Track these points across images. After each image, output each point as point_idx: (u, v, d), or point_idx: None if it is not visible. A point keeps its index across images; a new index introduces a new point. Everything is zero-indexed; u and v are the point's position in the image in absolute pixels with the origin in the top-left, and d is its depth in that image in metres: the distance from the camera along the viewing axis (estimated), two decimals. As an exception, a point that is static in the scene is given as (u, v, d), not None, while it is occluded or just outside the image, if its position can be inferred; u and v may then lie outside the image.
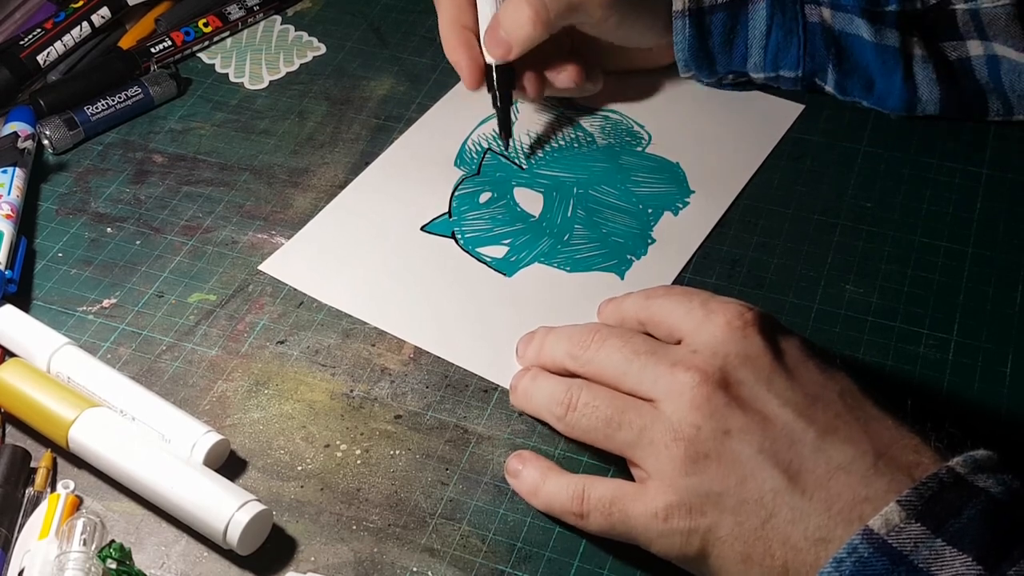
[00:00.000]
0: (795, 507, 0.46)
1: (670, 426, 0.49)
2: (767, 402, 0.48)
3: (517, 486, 0.54)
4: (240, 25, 0.82)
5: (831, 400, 0.49)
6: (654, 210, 0.68)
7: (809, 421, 0.48)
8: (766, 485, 0.47)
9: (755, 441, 0.47)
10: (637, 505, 0.49)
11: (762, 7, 0.69)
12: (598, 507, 0.50)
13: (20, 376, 0.57)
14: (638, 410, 0.50)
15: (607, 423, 0.51)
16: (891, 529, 0.43)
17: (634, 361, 0.51)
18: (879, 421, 0.48)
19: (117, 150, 0.73)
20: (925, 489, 0.44)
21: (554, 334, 0.56)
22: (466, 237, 0.66)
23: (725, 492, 0.47)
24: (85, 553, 0.50)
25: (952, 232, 0.66)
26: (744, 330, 0.50)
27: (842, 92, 0.72)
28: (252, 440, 0.57)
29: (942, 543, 0.43)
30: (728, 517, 0.47)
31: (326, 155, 0.72)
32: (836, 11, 0.69)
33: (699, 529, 0.48)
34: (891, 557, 0.43)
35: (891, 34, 0.68)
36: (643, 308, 0.55)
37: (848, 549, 0.44)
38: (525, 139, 0.72)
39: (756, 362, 0.50)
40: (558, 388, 0.54)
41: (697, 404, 0.48)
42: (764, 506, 0.47)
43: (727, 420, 0.48)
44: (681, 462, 0.48)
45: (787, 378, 0.49)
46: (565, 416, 0.53)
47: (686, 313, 0.52)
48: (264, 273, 0.65)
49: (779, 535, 0.46)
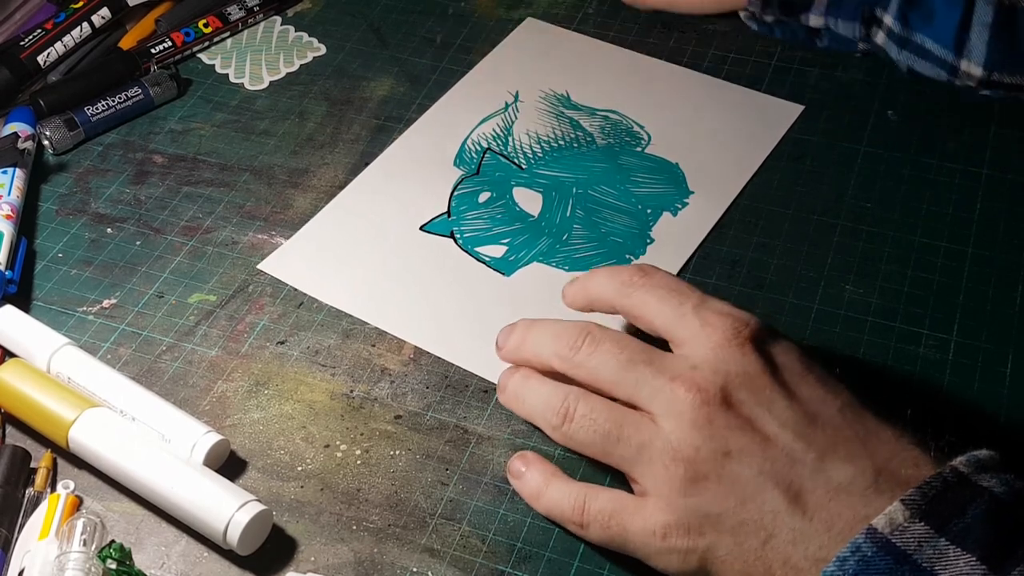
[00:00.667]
0: (795, 528, 0.46)
1: (669, 445, 0.48)
2: (767, 423, 0.48)
3: (519, 488, 0.54)
4: (240, 26, 0.82)
5: (830, 416, 0.48)
6: (653, 210, 0.68)
7: (808, 442, 0.47)
8: (766, 506, 0.46)
9: (755, 463, 0.47)
10: (636, 520, 0.49)
11: None
12: (598, 519, 0.50)
13: (20, 376, 0.57)
14: (636, 425, 0.50)
15: (605, 438, 0.50)
16: (895, 528, 0.43)
17: (631, 371, 0.51)
18: (878, 435, 0.48)
19: (117, 151, 0.73)
20: (929, 488, 0.44)
21: (537, 328, 0.55)
22: (465, 237, 0.67)
23: (724, 513, 0.47)
24: (85, 553, 0.50)
25: (952, 232, 0.66)
26: (743, 348, 0.50)
27: (903, 23, 0.70)
28: (252, 440, 0.57)
29: (946, 542, 0.43)
30: (727, 538, 0.47)
31: (326, 155, 0.72)
32: None
33: (697, 549, 0.47)
34: (895, 556, 0.43)
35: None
36: (620, 294, 0.53)
37: (852, 548, 0.44)
38: (525, 139, 0.72)
39: (756, 381, 0.49)
40: (553, 396, 0.52)
41: (698, 425, 0.48)
42: (764, 527, 0.46)
43: (727, 441, 0.48)
44: (680, 483, 0.48)
45: (786, 397, 0.49)
46: (561, 427, 0.52)
47: (678, 317, 0.51)
48: (264, 273, 0.65)
49: (779, 556, 0.46)
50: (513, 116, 0.74)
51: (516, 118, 0.74)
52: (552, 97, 0.75)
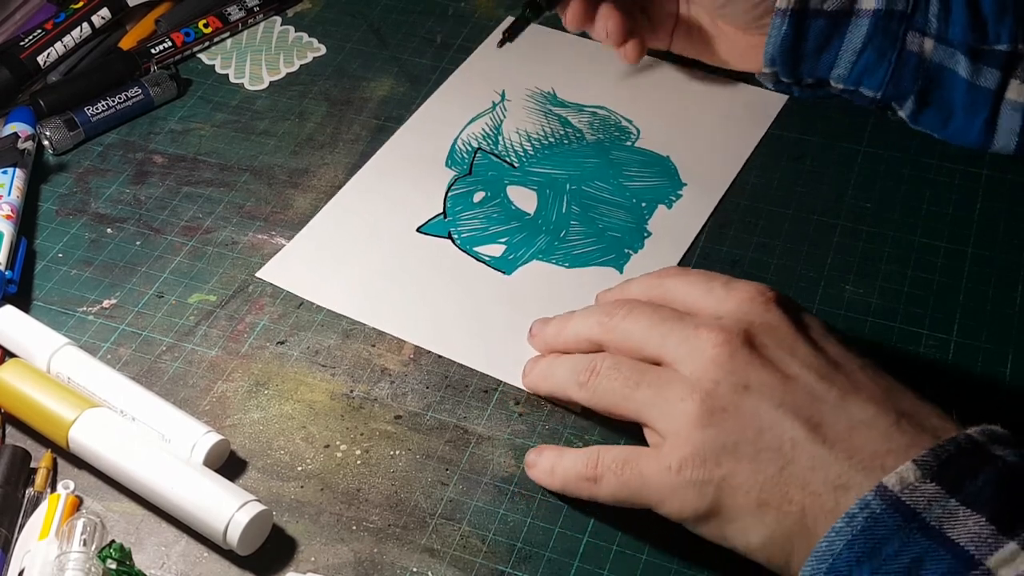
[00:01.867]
0: (815, 455, 0.46)
1: (687, 383, 0.49)
2: (790, 363, 0.48)
3: (535, 475, 0.54)
4: (240, 26, 0.82)
5: (853, 369, 0.49)
6: (648, 204, 0.68)
7: (831, 382, 0.48)
8: (785, 435, 0.46)
9: (776, 396, 0.47)
10: (651, 463, 0.49)
11: (865, 23, 0.67)
12: (611, 467, 0.50)
13: (20, 376, 0.57)
14: (657, 372, 0.51)
15: (625, 383, 0.51)
16: (905, 487, 0.43)
17: (660, 326, 0.52)
18: (901, 391, 0.48)
19: (117, 151, 0.73)
20: (942, 451, 0.44)
21: (580, 312, 0.56)
22: (462, 237, 0.67)
23: (741, 442, 0.47)
24: (85, 553, 0.50)
25: (952, 232, 0.66)
26: (767, 304, 0.51)
27: (914, 122, 0.70)
28: (252, 440, 0.57)
29: (956, 503, 0.43)
30: (745, 465, 0.47)
31: (326, 156, 0.72)
32: (939, 43, 0.66)
33: (713, 479, 0.47)
34: (903, 514, 0.43)
35: (990, 75, 0.66)
36: (655, 287, 0.55)
37: (861, 504, 0.44)
38: (515, 137, 0.73)
39: (779, 331, 0.50)
40: (581, 361, 0.54)
41: (719, 361, 0.49)
42: (783, 454, 0.46)
43: (747, 375, 0.48)
44: (697, 415, 0.48)
45: (810, 346, 0.49)
46: (588, 382, 0.53)
47: (706, 291, 0.53)
48: (268, 280, 0.65)
49: (798, 480, 0.46)
50: (501, 115, 0.74)
51: (504, 117, 0.74)
52: (539, 95, 0.75)
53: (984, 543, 0.42)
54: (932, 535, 0.42)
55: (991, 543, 0.42)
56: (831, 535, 0.44)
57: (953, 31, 0.66)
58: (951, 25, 0.66)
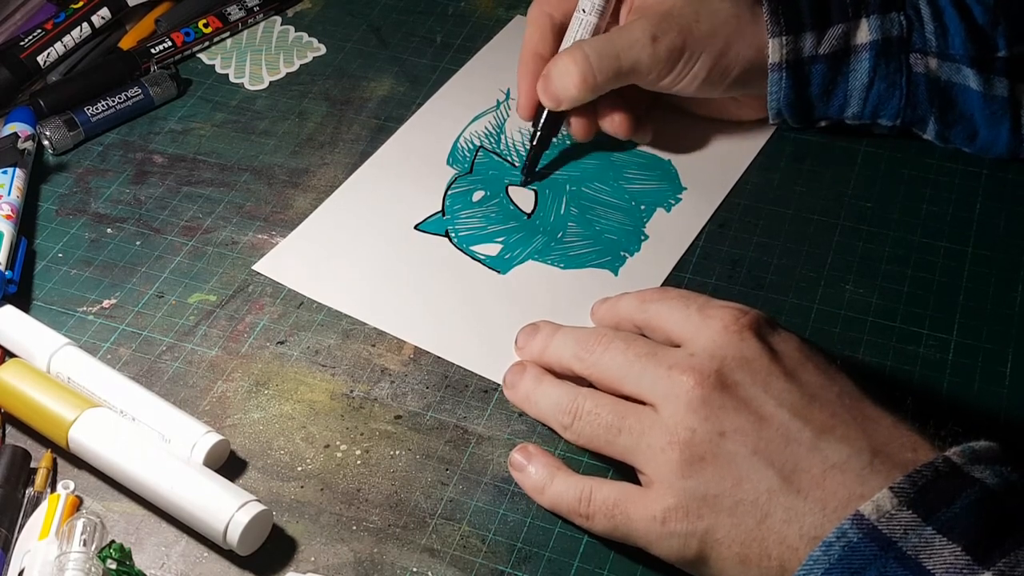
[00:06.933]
0: (790, 507, 0.46)
1: (666, 430, 0.49)
2: (764, 403, 0.48)
3: (522, 481, 0.54)
4: (240, 26, 0.82)
5: (828, 400, 0.49)
6: (647, 207, 0.68)
7: (805, 421, 0.48)
8: (761, 485, 0.47)
9: (750, 442, 0.47)
10: (638, 508, 0.49)
11: (865, 58, 0.67)
12: (602, 509, 0.50)
13: (20, 376, 0.57)
14: (638, 415, 0.50)
15: (608, 429, 0.51)
16: (881, 515, 0.44)
17: (635, 364, 0.51)
18: (877, 421, 0.48)
19: (117, 151, 0.73)
20: (919, 477, 0.44)
21: (561, 334, 0.56)
22: (460, 235, 0.67)
23: (721, 494, 0.47)
24: (85, 553, 0.50)
25: (952, 232, 0.66)
26: (741, 333, 0.50)
27: (943, 141, 0.69)
28: (252, 440, 0.57)
29: (932, 531, 0.43)
30: (725, 519, 0.47)
31: (326, 156, 0.72)
32: (943, 60, 0.66)
33: (696, 532, 0.48)
34: (880, 543, 0.43)
35: (1000, 83, 0.66)
36: (639, 311, 0.55)
37: (837, 533, 0.44)
38: (517, 136, 0.73)
39: (753, 364, 0.50)
40: (564, 397, 0.54)
41: (693, 407, 0.49)
42: (759, 507, 0.47)
43: (722, 422, 0.48)
44: (678, 465, 0.48)
45: (785, 379, 0.49)
46: (572, 425, 0.53)
47: (684, 319, 0.52)
48: (263, 274, 0.65)
49: (775, 535, 0.46)
50: (505, 114, 0.74)
51: (508, 116, 0.74)
52: None
53: (959, 574, 0.42)
54: (908, 565, 0.42)
55: (966, 575, 0.42)
56: (808, 563, 0.44)
57: (953, 45, 0.66)
58: (950, 40, 0.66)
